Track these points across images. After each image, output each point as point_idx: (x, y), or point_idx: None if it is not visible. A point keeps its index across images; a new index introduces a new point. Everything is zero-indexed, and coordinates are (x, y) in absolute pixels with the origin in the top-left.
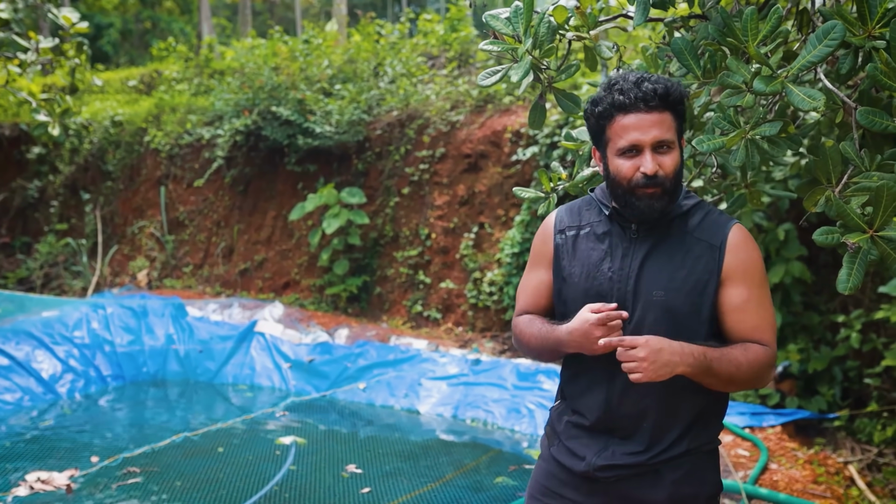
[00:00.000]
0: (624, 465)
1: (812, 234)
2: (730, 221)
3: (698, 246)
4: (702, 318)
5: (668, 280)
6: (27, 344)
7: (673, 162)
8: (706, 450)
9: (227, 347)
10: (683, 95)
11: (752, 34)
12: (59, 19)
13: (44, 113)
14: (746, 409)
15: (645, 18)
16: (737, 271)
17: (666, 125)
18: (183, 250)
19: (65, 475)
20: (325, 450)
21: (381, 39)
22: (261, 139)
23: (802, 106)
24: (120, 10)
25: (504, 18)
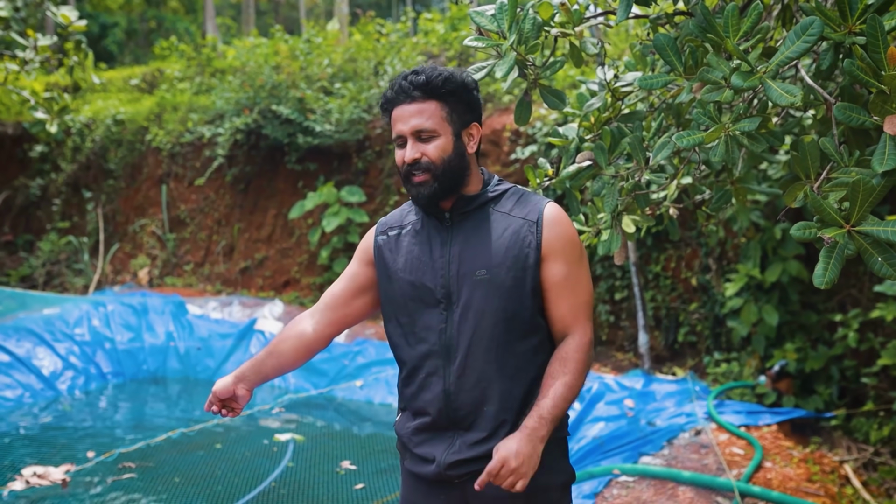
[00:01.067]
0: (471, 458)
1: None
2: (544, 199)
3: (515, 223)
4: (526, 290)
5: (490, 258)
6: (28, 341)
7: (436, 148)
8: (554, 437)
9: (227, 345)
10: (453, 83)
11: (733, 30)
12: (58, 18)
13: (42, 110)
14: (742, 407)
15: (627, 15)
16: (555, 247)
17: (427, 114)
18: (184, 248)
19: (61, 470)
20: (322, 446)
21: (381, 38)
22: (261, 138)
23: (780, 101)
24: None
25: (489, 15)
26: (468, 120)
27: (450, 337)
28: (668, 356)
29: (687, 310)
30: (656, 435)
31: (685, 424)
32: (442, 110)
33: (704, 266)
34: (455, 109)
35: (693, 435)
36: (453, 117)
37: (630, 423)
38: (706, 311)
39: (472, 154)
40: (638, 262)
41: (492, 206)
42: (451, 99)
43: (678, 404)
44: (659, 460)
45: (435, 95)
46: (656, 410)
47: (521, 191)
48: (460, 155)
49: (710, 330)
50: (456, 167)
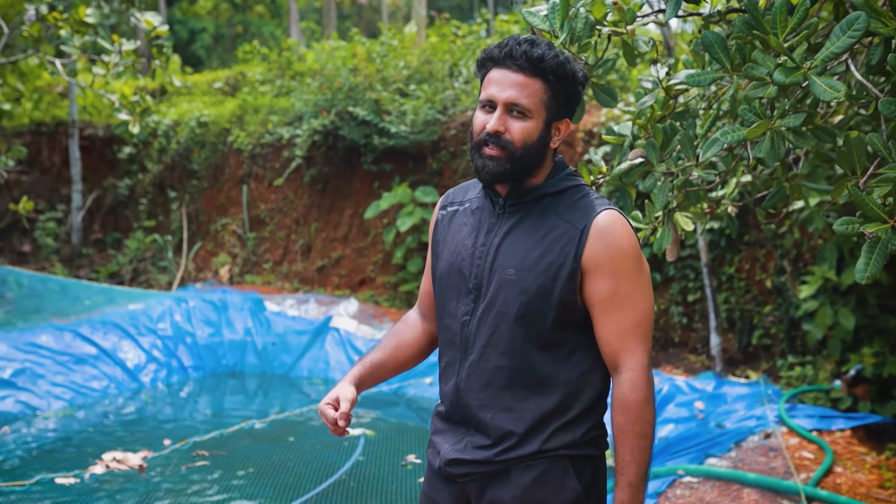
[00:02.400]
0: (472, 460)
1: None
2: (603, 205)
3: (561, 227)
4: (551, 301)
5: (522, 258)
6: (114, 335)
7: (522, 131)
8: (567, 454)
9: (303, 342)
10: (565, 70)
11: (781, 26)
12: (141, 23)
13: (125, 112)
14: (815, 411)
15: (676, 13)
16: (600, 260)
17: (529, 90)
18: (263, 247)
19: (138, 456)
20: (391, 441)
21: (457, 40)
22: (339, 139)
23: (823, 96)
24: (213, 14)
25: (542, 15)
26: (564, 113)
27: (470, 332)
28: (741, 359)
29: (761, 312)
30: (724, 437)
31: (755, 427)
32: (545, 93)
33: (779, 268)
34: (556, 97)
35: (762, 438)
36: (552, 104)
37: (699, 425)
38: (781, 313)
39: (552, 149)
40: (710, 263)
41: (549, 202)
42: (557, 85)
43: (749, 407)
44: (725, 462)
45: (543, 75)
46: (726, 413)
47: (586, 192)
48: (543, 145)
49: (785, 333)
50: (533, 156)
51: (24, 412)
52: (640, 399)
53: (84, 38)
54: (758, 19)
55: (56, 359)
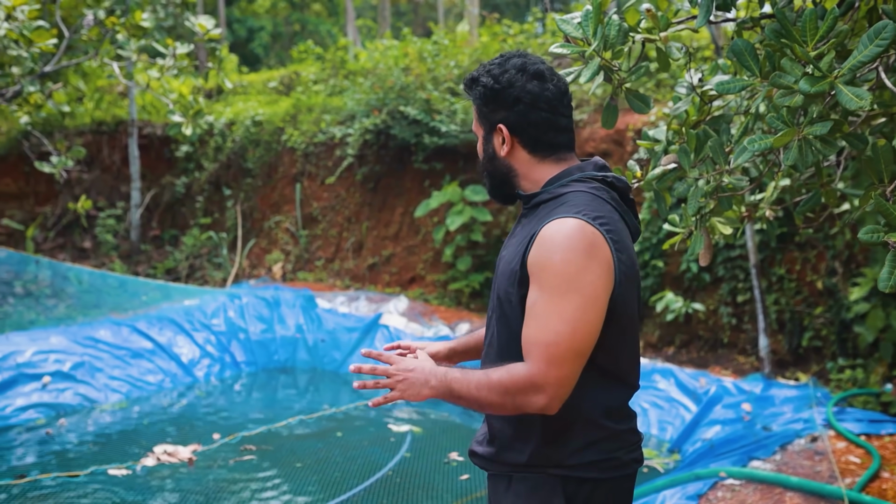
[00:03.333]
0: (479, 453)
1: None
2: (565, 213)
3: (526, 232)
4: (513, 306)
5: (503, 265)
6: (170, 330)
7: (479, 150)
8: (558, 474)
9: (353, 338)
10: (478, 83)
11: (811, 34)
12: (195, 27)
13: (179, 114)
14: (864, 415)
15: (706, 20)
16: (534, 267)
17: (474, 115)
18: (315, 244)
19: (188, 449)
20: (437, 439)
21: (508, 39)
22: (390, 138)
23: (849, 105)
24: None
25: (575, 23)
26: (496, 119)
27: (488, 328)
28: (791, 361)
29: (812, 314)
30: (770, 440)
31: (801, 430)
32: (476, 112)
33: (831, 269)
34: (481, 111)
35: (808, 441)
36: (482, 119)
37: (745, 427)
38: (832, 315)
39: (508, 156)
40: (759, 263)
41: (541, 209)
42: (478, 101)
43: (796, 410)
44: (769, 465)
45: (470, 97)
46: (773, 415)
47: (568, 200)
48: (490, 158)
49: (836, 335)
50: (490, 170)
51: (82, 405)
52: (506, 383)
53: (139, 42)
54: (786, 27)
55: (114, 353)
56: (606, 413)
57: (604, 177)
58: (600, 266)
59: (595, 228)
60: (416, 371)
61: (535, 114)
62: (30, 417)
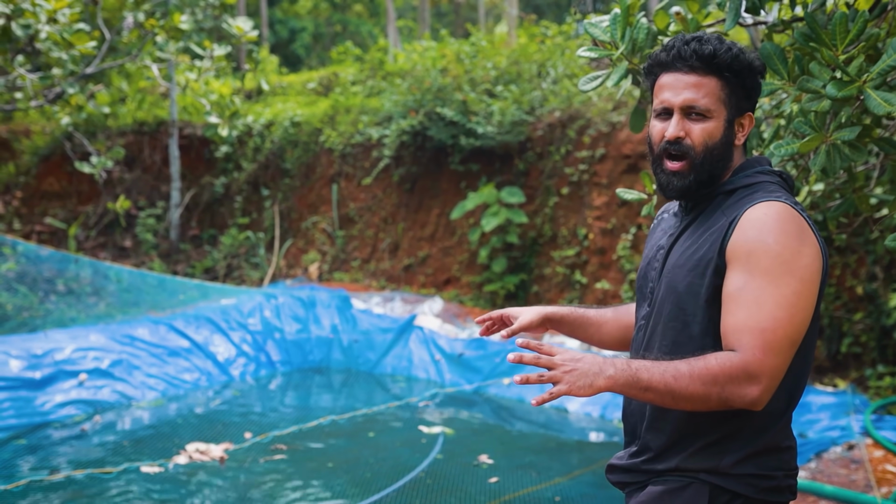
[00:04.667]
0: (620, 466)
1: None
2: (766, 198)
3: (720, 222)
4: (699, 301)
5: (679, 256)
6: (207, 329)
7: (703, 132)
8: (709, 481)
9: (388, 339)
10: (741, 63)
11: (840, 38)
12: (233, 29)
13: (215, 115)
14: None
15: (735, 23)
16: (737, 252)
17: (705, 90)
18: (352, 245)
19: (220, 448)
20: (469, 441)
21: (546, 41)
22: (426, 139)
23: (877, 110)
24: (312, 14)
25: (603, 27)
26: (745, 107)
27: (642, 338)
28: (829, 367)
29: (851, 319)
30: (805, 447)
31: (838, 438)
32: (722, 90)
33: (871, 274)
34: (735, 92)
35: (845, 449)
36: (731, 101)
37: None
38: (872, 321)
39: (738, 146)
40: None
41: (721, 200)
42: (734, 80)
43: (833, 417)
44: (804, 473)
45: (718, 72)
46: (809, 422)
47: (762, 188)
48: (727, 144)
49: (876, 341)
50: (718, 157)
51: (119, 401)
52: (711, 366)
53: (178, 44)
54: (816, 31)
55: (151, 351)
56: (771, 424)
57: (780, 172)
58: (812, 251)
59: (800, 214)
60: (584, 360)
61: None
62: (68, 414)
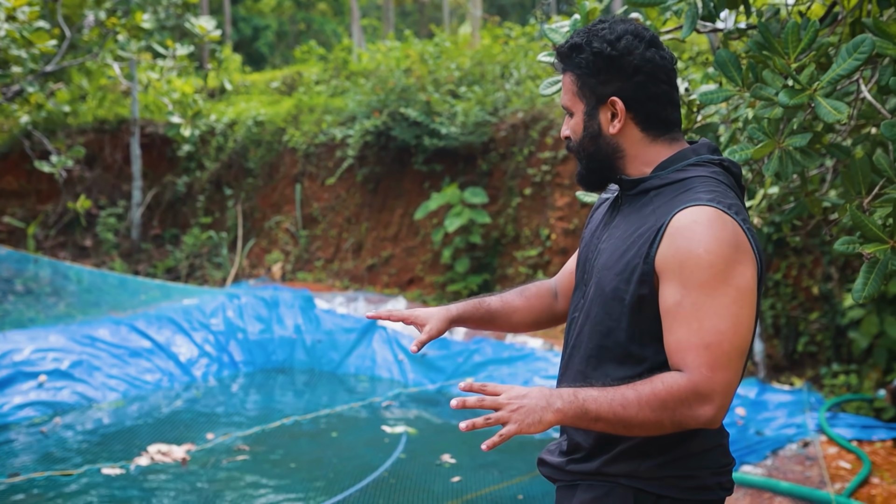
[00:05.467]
0: (549, 462)
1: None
2: (696, 200)
3: (649, 223)
4: (624, 306)
5: (609, 256)
6: (169, 329)
7: (571, 129)
8: (630, 485)
9: (351, 339)
10: (583, 51)
11: (792, 46)
12: (195, 28)
13: (178, 115)
14: (857, 421)
15: (691, 30)
16: (669, 264)
17: (565, 87)
18: (315, 245)
19: (182, 449)
20: (431, 440)
21: (509, 42)
22: (390, 139)
23: (827, 118)
24: (276, 12)
25: (563, 32)
26: (605, 93)
27: (572, 328)
28: (786, 366)
29: (807, 319)
30: (762, 445)
31: (794, 435)
32: (574, 84)
33: (826, 275)
34: (586, 83)
35: (800, 447)
36: (584, 91)
37: (738, 431)
38: (827, 320)
39: (618, 134)
40: None
41: (653, 196)
42: (581, 70)
43: (790, 415)
44: (760, 470)
45: (568, 66)
46: (766, 420)
47: (696, 185)
48: (593, 137)
49: (831, 340)
50: (591, 152)
51: (79, 403)
52: (657, 391)
53: (140, 43)
54: (768, 39)
55: (112, 352)
56: (697, 429)
57: (721, 161)
58: (746, 256)
59: (732, 218)
60: (531, 396)
61: (654, 86)
62: (27, 416)
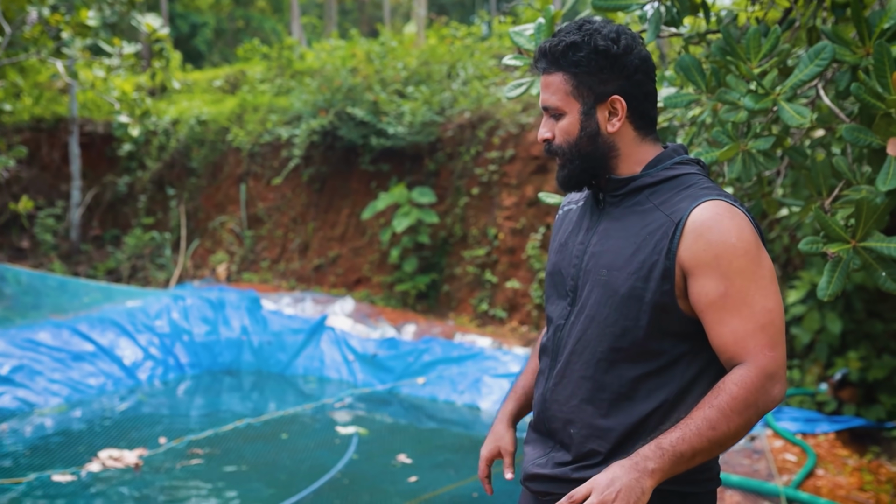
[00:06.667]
0: (551, 476)
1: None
2: (707, 196)
3: (658, 220)
4: (643, 304)
5: (615, 257)
6: (112, 332)
7: (561, 131)
8: (672, 490)
9: (299, 340)
10: (581, 51)
11: (754, 52)
12: (142, 26)
13: (125, 115)
14: (800, 414)
15: (656, 35)
16: (702, 258)
17: (553, 88)
18: (261, 245)
19: (134, 454)
20: (384, 440)
21: (455, 42)
22: (337, 139)
23: (791, 122)
24: (214, 9)
25: (527, 35)
26: (608, 91)
27: (562, 337)
28: None
29: None
30: None
31: None
32: (568, 83)
33: None
34: (583, 81)
35: (748, 441)
36: (582, 91)
37: None
38: None
39: (615, 133)
40: None
41: (648, 194)
42: (578, 69)
43: None
44: None
45: (558, 66)
46: None
47: (693, 182)
48: (591, 136)
49: None
50: (587, 152)
51: (21, 408)
52: (735, 393)
53: (85, 41)
54: (731, 45)
55: (54, 356)
56: None
57: (697, 160)
58: (760, 241)
59: (741, 210)
60: (618, 477)
61: (650, 84)
62: None
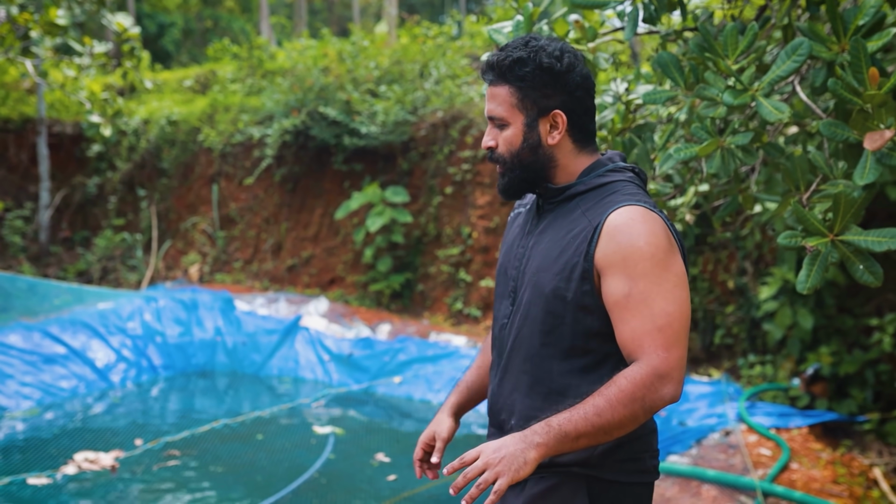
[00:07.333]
0: None
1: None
2: (626, 201)
3: (581, 224)
4: (567, 303)
5: (543, 259)
6: (84, 334)
7: (505, 140)
8: (583, 473)
9: (273, 341)
10: (526, 66)
11: (732, 49)
12: (113, 25)
13: (97, 114)
14: (774, 409)
15: (634, 33)
16: (612, 259)
17: (499, 99)
18: (233, 246)
19: (110, 456)
20: (360, 440)
21: (427, 41)
22: (309, 139)
23: (769, 118)
24: (182, 9)
25: (506, 32)
26: (548, 106)
27: (506, 335)
28: (704, 358)
29: (724, 312)
30: (686, 435)
31: (715, 425)
32: (513, 96)
33: (741, 269)
34: (528, 95)
35: (723, 436)
36: (526, 104)
37: (663, 422)
38: (742, 313)
39: (555, 145)
40: None
41: (579, 201)
42: (524, 84)
43: (710, 405)
44: (686, 459)
45: (506, 79)
46: (688, 411)
47: (618, 189)
48: (532, 148)
49: (747, 332)
50: (528, 162)
51: None
52: (624, 387)
53: (55, 40)
54: (709, 41)
55: (25, 358)
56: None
57: (632, 168)
58: (675, 247)
59: (658, 215)
60: (506, 444)
61: (590, 100)
62: None
